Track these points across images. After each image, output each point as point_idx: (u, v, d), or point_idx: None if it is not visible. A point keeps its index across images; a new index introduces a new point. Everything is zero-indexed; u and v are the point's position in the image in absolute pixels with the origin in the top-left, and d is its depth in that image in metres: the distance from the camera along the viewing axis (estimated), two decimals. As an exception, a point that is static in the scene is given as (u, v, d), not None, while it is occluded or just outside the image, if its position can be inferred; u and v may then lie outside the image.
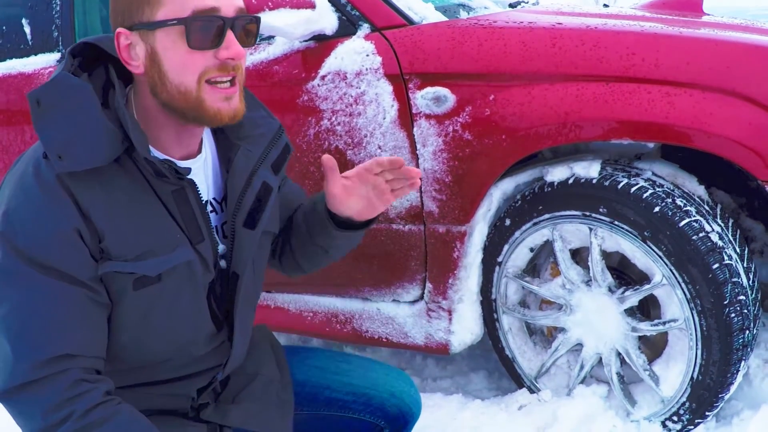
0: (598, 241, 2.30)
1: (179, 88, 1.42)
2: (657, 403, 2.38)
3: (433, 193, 2.43)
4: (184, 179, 1.48)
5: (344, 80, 2.46)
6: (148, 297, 1.47)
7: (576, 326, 2.47)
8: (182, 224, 1.50)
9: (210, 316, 1.59)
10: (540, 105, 2.23)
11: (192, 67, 1.40)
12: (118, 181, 1.43)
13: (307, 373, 1.91)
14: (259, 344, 1.88)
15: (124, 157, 1.44)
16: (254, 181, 1.60)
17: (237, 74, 1.45)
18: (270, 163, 1.65)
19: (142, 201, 1.45)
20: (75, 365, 1.39)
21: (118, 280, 1.44)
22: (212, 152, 1.65)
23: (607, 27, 2.29)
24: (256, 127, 1.67)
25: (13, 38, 3.32)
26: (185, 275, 1.51)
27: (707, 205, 2.26)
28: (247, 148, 1.62)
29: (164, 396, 1.63)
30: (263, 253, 1.74)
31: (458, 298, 2.54)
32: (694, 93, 2.10)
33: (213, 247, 1.56)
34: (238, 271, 1.60)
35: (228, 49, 1.41)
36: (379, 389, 1.89)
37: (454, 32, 2.37)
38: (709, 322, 2.17)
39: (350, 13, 2.49)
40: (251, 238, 1.60)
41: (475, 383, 2.96)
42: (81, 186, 1.39)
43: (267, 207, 1.61)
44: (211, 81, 1.42)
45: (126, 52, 1.45)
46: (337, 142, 2.50)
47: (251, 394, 1.74)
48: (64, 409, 1.36)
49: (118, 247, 1.42)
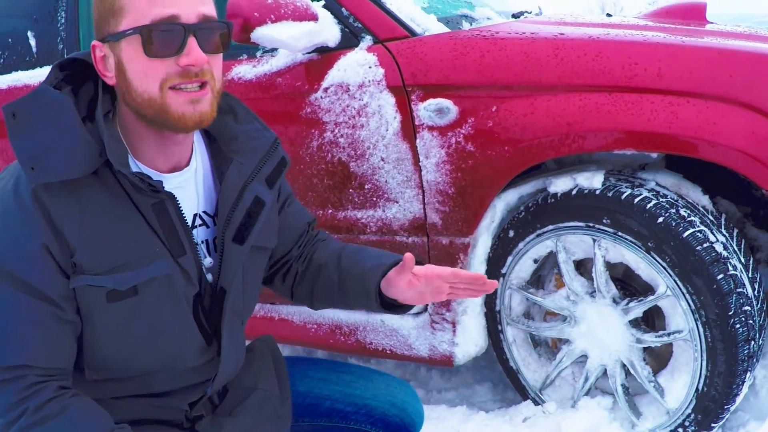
0: (601, 252, 2.30)
1: (143, 96, 1.42)
2: (662, 414, 2.37)
3: (436, 205, 2.42)
4: (161, 192, 1.47)
5: (347, 92, 2.46)
6: (124, 310, 1.47)
7: (580, 338, 2.46)
8: (163, 237, 1.49)
9: (198, 330, 1.58)
10: (543, 116, 2.23)
11: (153, 74, 1.40)
12: (96, 194, 1.43)
13: (309, 384, 1.90)
14: (260, 357, 1.87)
15: (105, 171, 1.44)
16: (245, 195, 1.59)
17: (206, 79, 1.44)
18: (264, 177, 1.64)
19: (119, 214, 1.45)
20: (31, 373, 1.42)
21: (91, 293, 1.44)
22: (205, 165, 1.64)
23: (609, 37, 2.28)
24: (250, 140, 1.66)
25: (19, 51, 3.33)
26: (164, 289, 1.50)
27: (711, 215, 2.26)
28: (239, 161, 1.61)
29: (157, 408, 1.62)
30: (256, 268, 1.72)
31: (462, 310, 2.53)
32: (698, 102, 2.09)
33: (196, 261, 1.55)
34: (225, 286, 1.59)
35: (188, 56, 1.40)
36: (380, 400, 1.89)
37: (457, 44, 2.37)
38: (714, 333, 2.16)
39: (353, 25, 2.50)
40: (239, 254, 1.58)
41: (480, 395, 2.95)
42: (55, 200, 1.39)
43: (258, 222, 1.60)
44: (175, 87, 1.41)
45: (101, 64, 1.47)
46: (340, 154, 2.50)
47: (248, 408, 1.74)
48: (18, 407, 1.40)
49: (90, 262, 1.42)
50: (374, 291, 1.72)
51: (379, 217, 2.53)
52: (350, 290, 1.79)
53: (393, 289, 1.71)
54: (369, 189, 2.51)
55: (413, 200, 2.46)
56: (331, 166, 2.53)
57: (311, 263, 1.88)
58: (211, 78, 1.45)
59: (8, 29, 3.43)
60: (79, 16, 3.15)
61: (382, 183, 2.48)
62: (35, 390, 1.41)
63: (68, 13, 3.16)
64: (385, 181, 2.47)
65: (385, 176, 2.47)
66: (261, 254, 1.73)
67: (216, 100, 1.48)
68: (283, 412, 1.79)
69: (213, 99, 1.46)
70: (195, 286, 1.55)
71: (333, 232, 2.61)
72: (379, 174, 2.47)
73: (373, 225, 2.55)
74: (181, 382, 1.62)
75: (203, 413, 1.69)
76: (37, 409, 1.39)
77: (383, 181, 2.48)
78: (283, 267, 1.90)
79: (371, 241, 2.56)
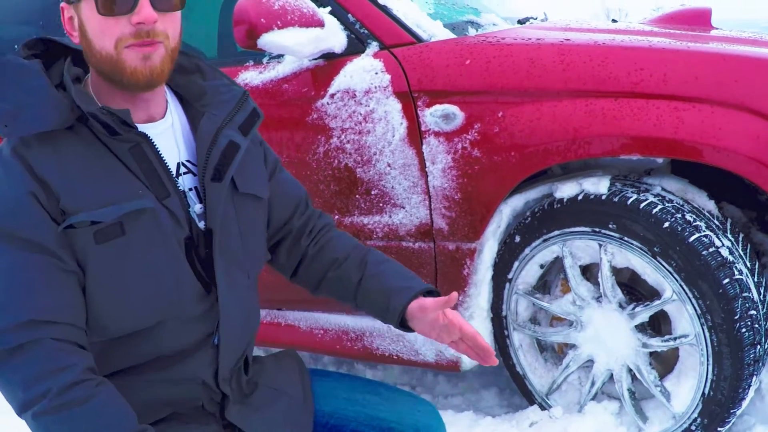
0: (607, 257, 2.30)
1: (101, 53, 1.46)
2: (669, 419, 2.37)
3: (443, 211, 2.43)
4: (134, 133, 1.49)
5: (353, 98, 2.47)
6: (114, 251, 1.47)
7: (587, 342, 2.46)
8: (144, 181, 1.51)
9: (194, 276, 1.58)
10: (548, 121, 2.23)
11: (108, 33, 1.44)
12: (73, 146, 1.47)
13: (334, 405, 1.89)
14: (288, 366, 1.87)
15: (80, 126, 1.48)
16: (219, 139, 1.61)
17: (158, 39, 1.47)
18: (237, 126, 1.67)
19: (98, 161, 1.48)
20: (47, 334, 1.40)
21: (80, 236, 1.44)
22: (182, 120, 1.67)
23: (615, 43, 2.29)
24: (219, 94, 1.69)
25: (25, 58, 3.34)
26: (152, 227, 1.50)
27: (717, 220, 2.26)
28: (212, 113, 1.65)
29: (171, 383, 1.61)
30: (251, 217, 1.73)
31: (469, 315, 2.54)
32: (703, 108, 2.10)
33: (183, 205, 1.57)
34: (212, 226, 1.59)
35: (138, 14, 1.43)
36: (405, 424, 1.87)
37: (463, 49, 2.37)
38: (720, 338, 2.16)
39: (359, 31, 2.51)
40: (219, 191, 1.60)
41: (487, 400, 2.95)
42: (34, 152, 1.43)
43: (234, 161, 1.62)
44: (129, 46, 1.45)
45: (68, 25, 1.52)
46: (347, 159, 2.51)
47: (275, 409, 1.74)
48: (42, 382, 1.38)
49: (75, 203, 1.44)
50: (399, 312, 1.74)
51: (386, 222, 2.53)
52: (369, 298, 1.81)
53: (416, 315, 1.73)
54: (375, 195, 2.52)
55: (420, 206, 2.46)
56: (337, 172, 2.54)
57: (326, 250, 1.89)
58: (164, 38, 1.48)
59: (14, 36, 3.45)
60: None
61: (388, 189, 2.49)
62: (60, 366, 1.39)
63: (75, 20, 3.17)
64: (392, 187, 2.48)
65: (392, 182, 2.47)
66: (253, 203, 1.73)
67: (170, 58, 1.51)
68: (305, 422, 1.79)
69: (166, 56, 1.49)
70: (184, 229, 1.56)
71: (339, 238, 2.62)
72: (386, 180, 2.48)
73: (380, 230, 2.55)
74: (187, 337, 1.60)
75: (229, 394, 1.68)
76: (60, 391, 1.37)
77: (390, 186, 2.48)
78: (287, 238, 1.91)
79: (378, 246, 2.56)
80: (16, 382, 1.40)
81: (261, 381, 1.77)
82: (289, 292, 2.09)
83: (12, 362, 1.40)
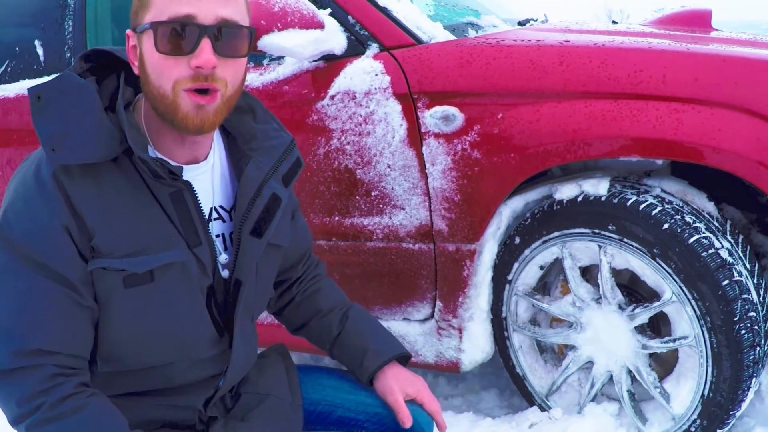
0: (607, 258, 2.30)
1: (158, 90, 1.43)
2: (668, 420, 2.37)
3: (443, 212, 2.43)
4: (180, 180, 1.48)
5: (353, 100, 2.47)
6: (141, 296, 1.48)
7: (586, 344, 2.47)
8: (179, 227, 1.51)
9: (211, 322, 1.60)
10: (548, 123, 2.23)
11: (167, 72, 1.42)
12: (115, 181, 1.45)
13: (321, 393, 1.91)
14: (272, 365, 1.89)
15: (124, 160, 1.47)
16: (264, 191, 1.61)
17: (216, 85, 1.44)
18: (281, 176, 1.66)
19: (137, 202, 1.47)
20: (50, 361, 1.42)
21: (108, 277, 1.45)
22: (222, 161, 1.66)
23: (614, 44, 2.29)
24: (268, 139, 1.68)
25: (26, 59, 3.35)
26: (180, 276, 1.51)
27: (717, 222, 2.26)
28: (258, 159, 1.64)
29: (170, 408, 1.63)
30: (269, 267, 1.75)
31: (468, 317, 2.54)
32: (703, 109, 2.10)
33: (211, 253, 1.57)
34: (241, 278, 1.60)
35: (198, 57, 1.40)
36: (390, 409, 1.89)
37: (463, 51, 2.38)
38: (720, 339, 2.16)
39: (359, 32, 2.51)
40: (257, 247, 1.61)
41: (487, 401, 2.95)
42: (75, 183, 1.41)
43: (275, 217, 1.63)
44: (187, 90, 1.42)
45: (132, 53, 1.50)
46: (347, 161, 2.51)
47: (261, 414, 1.75)
48: (36, 399, 1.40)
49: (108, 245, 1.43)
50: (370, 373, 1.87)
51: (386, 224, 2.54)
52: (344, 353, 1.92)
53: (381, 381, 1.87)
54: (375, 196, 2.52)
55: (419, 207, 2.46)
56: (337, 174, 2.55)
57: (312, 300, 1.98)
58: (222, 85, 1.45)
59: (15, 38, 3.45)
60: (86, 24, 3.17)
61: (388, 190, 2.49)
62: (54, 384, 1.41)
63: (75, 21, 3.17)
64: (392, 188, 2.48)
65: (392, 183, 2.48)
66: (275, 253, 1.75)
67: (226, 107, 1.48)
68: (294, 419, 1.80)
69: (221, 105, 1.47)
70: (209, 277, 1.57)
71: (340, 239, 2.63)
72: (386, 181, 2.48)
73: (380, 232, 2.56)
74: (195, 375, 1.63)
75: (217, 415, 1.70)
76: (54, 404, 1.39)
77: (389, 188, 2.49)
78: (284, 283, 1.97)
79: (378, 247, 2.57)
80: (11, 397, 1.42)
81: (244, 390, 1.80)
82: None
83: (11, 380, 1.42)
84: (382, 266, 2.60)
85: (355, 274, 2.67)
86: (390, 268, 2.60)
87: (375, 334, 1.93)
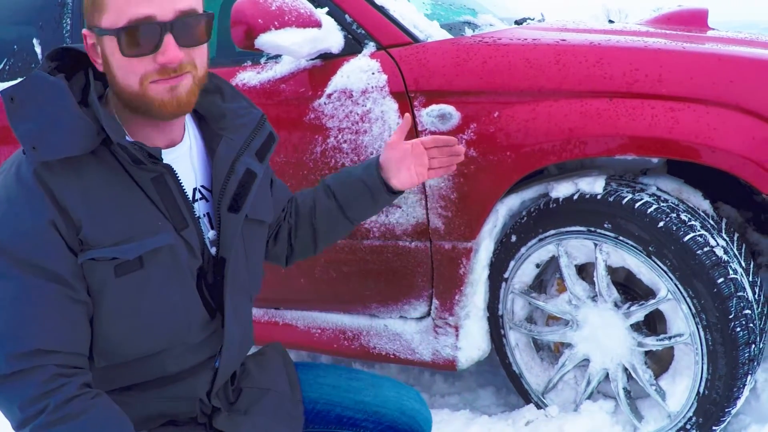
0: (603, 256, 2.31)
1: (126, 89, 1.46)
2: (664, 418, 2.38)
3: (439, 210, 2.44)
4: (160, 164, 1.50)
5: (350, 98, 2.47)
6: (133, 284, 1.49)
7: (583, 342, 2.47)
8: (164, 211, 1.52)
9: (202, 303, 1.61)
10: (544, 121, 2.24)
11: (132, 71, 1.44)
12: (96, 172, 1.46)
13: (319, 391, 1.92)
14: (271, 361, 1.90)
15: (103, 150, 1.48)
16: (237, 167, 1.63)
17: (186, 70, 1.47)
18: (254, 151, 1.69)
19: (121, 190, 1.48)
20: (51, 361, 1.42)
21: (99, 268, 1.45)
22: (198, 142, 1.68)
23: (610, 43, 2.30)
24: (238, 117, 1.71)
25: (24, 57, 3.35)
26: (169, 261, 1.52)
27: (712, 220, 2.27)
28: (229, 137, 1.66)
29: (170, 399, 1.64)
30: (256, 242, 1.77)
31: (465, 314, 2.55)
32: (698, 108, 2.10)
33: (199, 234, 1.59)
34: (225, 255, 1.62)
35: (164, 54, 1.43)
36: (389, 407, 1.90)
37: (459, 50, 2.38)
38: (715, 337, 2.17)
39: (356, 31, 2.52)
40: (236, 222, 1.62)
41: (483, 399, 2.96)
42: (57, 178, 1.42)
43: (251, 192, 1.65)
44: (154, 81, 1.45)
45: (92, 51, 1.51)
46: (344, 159, 2.51)
47: (263, 408, 1.76)
48: (39, 402, 1.39)
49: (96, 235, 1.44)
50: (379, 181, 1.95)
51: (382, 222, 2.54)
52: (352, 201, 1.98)
53: (393, 167, 1.97)
54: (372, 194, 2.52)
55: (416, 205, 2.47)
56: (334, 172, 2.55)
57: (299, 212, 2.01)
58: (192, 67, 1.48)
59: (13, 36, 3.45)
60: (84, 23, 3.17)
61: (385, 188, 2.49)
62: (57, 385, 1.40)
63: (73, 20, 3.18)
64: (388, 187, 2.48)
65: (389, 181, 2.48)
66: (259, 228, 1.77)
67: (197, 87, 1.52)
68: (295, 413, 1.81)
69: (193, 86, 1.50)
70: (198, 258, 1.58)
71: (337, 237, 2.63)
72: (383, 179, 2.48)
73: (377, 230, 2.56)
74: (190, 360, 1.63)
75: (220, 406, 1.70)
76: (58, 406, 1.39)
77: (386, 186, 2.49)
78: (275, 232, 2.00)
79: (374, 245, 2.57)
80: (15, 401, 1.42)
81: (245, 385, 1.81)
82: (286, 291, 2.10)
83: (13, 383, 1.41)
84: (378, 264, 2.61)
85: (352, 272, 2.67)
86: (386, 266, 2.60)
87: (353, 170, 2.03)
